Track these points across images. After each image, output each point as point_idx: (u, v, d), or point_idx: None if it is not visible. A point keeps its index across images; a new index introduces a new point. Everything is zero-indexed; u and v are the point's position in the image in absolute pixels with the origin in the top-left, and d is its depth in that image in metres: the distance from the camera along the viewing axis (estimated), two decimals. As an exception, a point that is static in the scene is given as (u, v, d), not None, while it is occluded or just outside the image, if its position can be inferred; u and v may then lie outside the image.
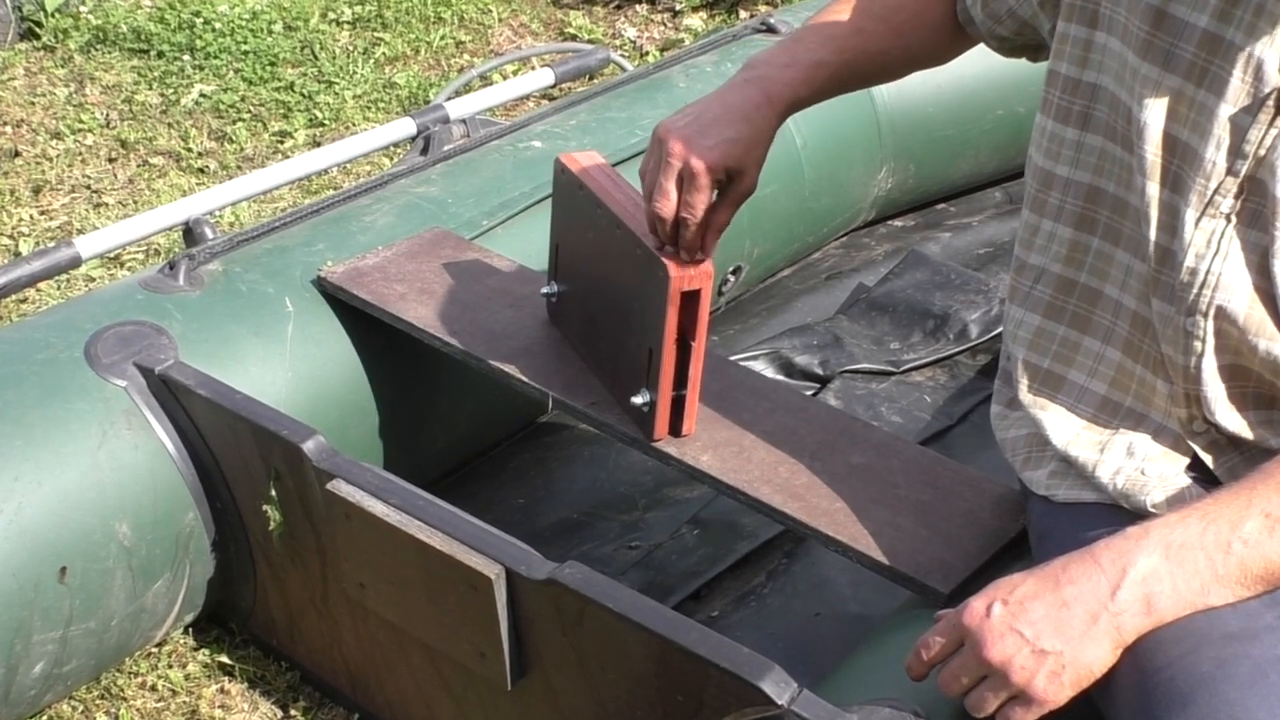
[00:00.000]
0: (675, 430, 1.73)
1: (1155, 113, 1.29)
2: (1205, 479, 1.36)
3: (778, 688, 1.30)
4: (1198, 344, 1.31)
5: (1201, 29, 1.26)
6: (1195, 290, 1.29)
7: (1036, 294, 1.47)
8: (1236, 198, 1.27)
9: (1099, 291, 1.41)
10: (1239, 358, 1.31)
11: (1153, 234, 1.32)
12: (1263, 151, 1.24)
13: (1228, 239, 1.28)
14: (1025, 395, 1.47)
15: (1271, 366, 1.29)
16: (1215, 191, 1.27)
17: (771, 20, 2.75)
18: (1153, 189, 1.31)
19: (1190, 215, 1.28)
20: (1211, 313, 1.29)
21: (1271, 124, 1.23)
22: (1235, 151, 1.25)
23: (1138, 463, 1.37)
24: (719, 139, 1.51)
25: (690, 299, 1.62)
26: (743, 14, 4.12)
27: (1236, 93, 1.24)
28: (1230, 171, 1.26)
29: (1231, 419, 1.33)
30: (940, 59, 1.68)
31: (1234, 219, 1.27)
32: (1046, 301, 1.46)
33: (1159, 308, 1.33)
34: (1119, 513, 1.35)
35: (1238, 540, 1.15)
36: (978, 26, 1.60)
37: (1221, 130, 1.25)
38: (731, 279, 2.54)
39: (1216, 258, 1.28)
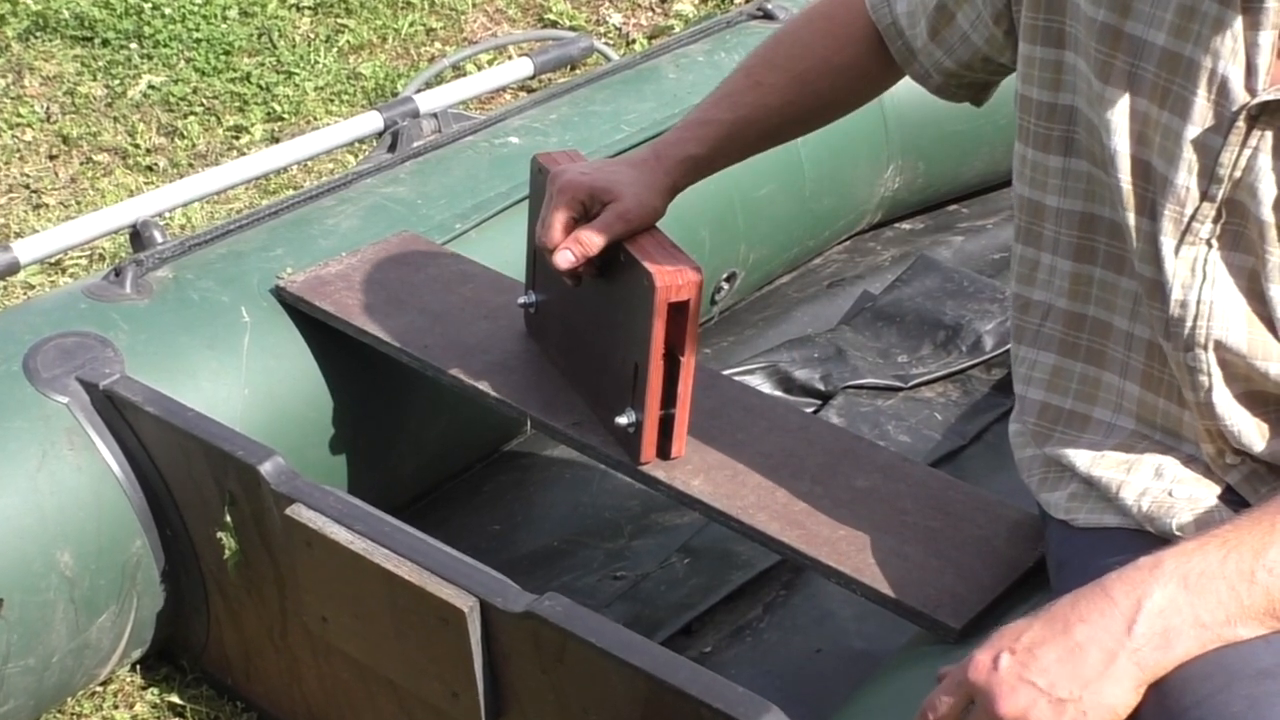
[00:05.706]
0: (663, 452, 1.73)
1: (1122, 138, 1.32)
2: (1240, 504, 1.36)
3: (775, 730, 1.31)
4: (1204, 378, 1.32)
5: (1160, 47, 1.27)
6: (1190, 324, 1.31)
7: (1047, 331, 1.48)
8: (1215, 222, 1.28)
9: (1109, 324, 1.43)
10: (1250, 384, 1.32)
11: (1138, 267, 1.34)
12: (1238, 173, 1.26)
13: (1213, 265, 1.29)
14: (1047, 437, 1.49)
15: None
16: (1192, 218, 1.28)
17: (768, 6, 2.76)
18: (1131, 219, 1.33)
19: (1169, 244, 1.30)
20: (1210, 345, 1.31)
21: (1244, 144, 1.25)
22: (1208, 175, 1.27)
23: (1166, 484, 1.38)
24: (593, 168, 1.67)
25: (678, 310, 1.62)
26: (738, -1, 4.14)
27: (1203, 113, 1.26)
28: (1206, 196, 1.28)
29: (1261, 445, 1.34)
30: (858, 102, 1.74)
31: (1215, 244, 1.29)
32: (1059, 339, 1.47)
33: (1163, 344, 1.35)
34: (1143, 538, 1.36)
35: (1262, 569, 1.15)
36: (919, 61, 1.63)
37: (1190, 154, 1.27)
38: (725, 287, 2.55)
39: (1205, 286, 1.30)
